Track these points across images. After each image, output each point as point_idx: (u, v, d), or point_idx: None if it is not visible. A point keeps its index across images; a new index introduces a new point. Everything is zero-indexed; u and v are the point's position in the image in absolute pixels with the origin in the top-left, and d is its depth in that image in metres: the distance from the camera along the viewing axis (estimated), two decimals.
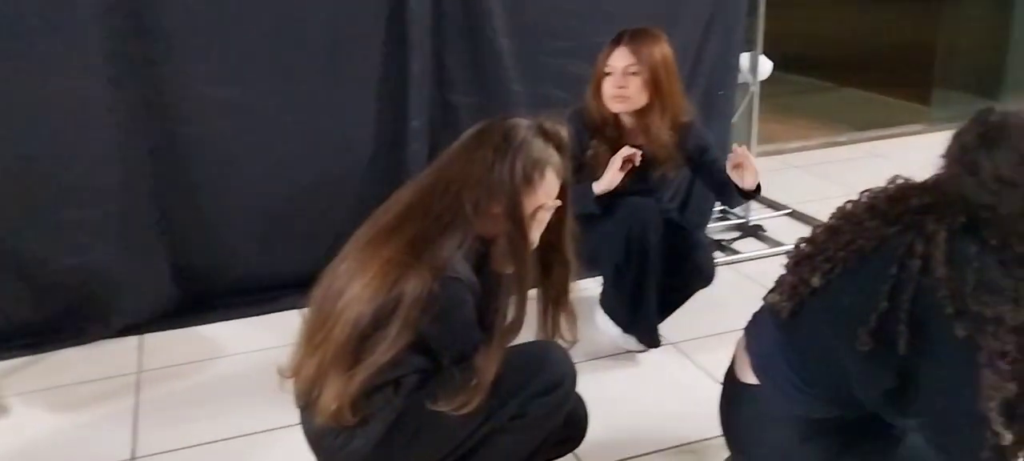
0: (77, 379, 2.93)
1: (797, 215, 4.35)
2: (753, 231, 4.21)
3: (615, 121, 2.92)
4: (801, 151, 5.23)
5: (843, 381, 1.70)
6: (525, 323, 1.91)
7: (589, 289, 3.32)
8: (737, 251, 3.99)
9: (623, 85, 2.82)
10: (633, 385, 2.86)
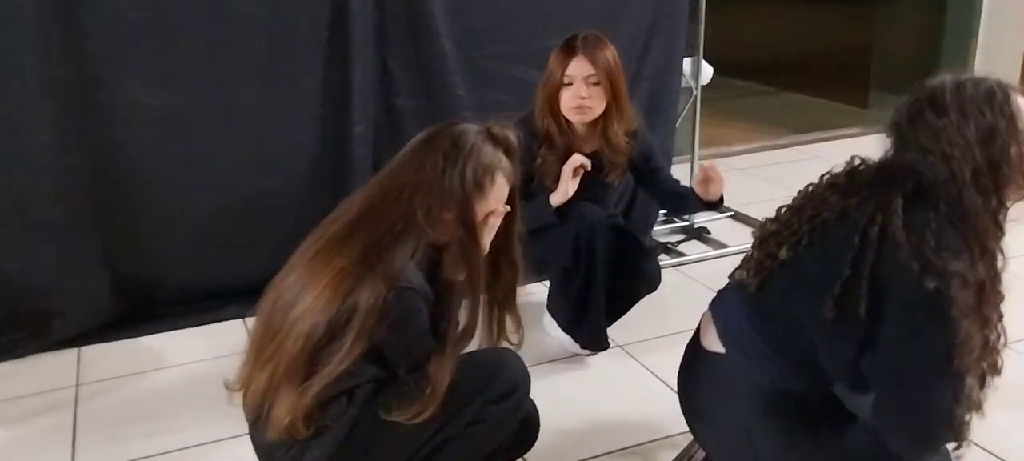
0: (13, 394, 2.85)
1: (740, 217, 4.38)
2: (697, 233, 4.23)
3: (568, 129, 2.87)
4: (743, 154, 5.29)
5: (809, 350, 1.74)
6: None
7: (536, 293, 3.32)
8: (682, 253, 4.01)
9: (585, 96, 2.76)
10: (582, 388, 2.86)
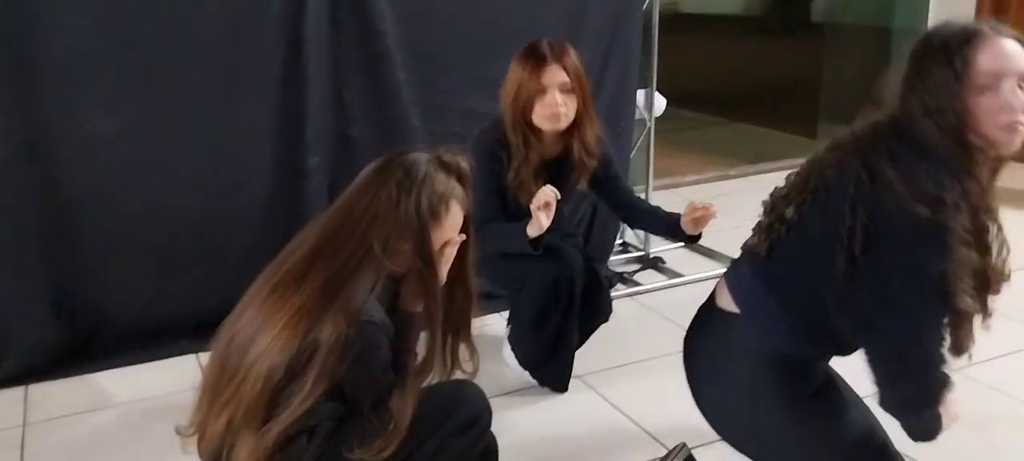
0: None
1: (695, 246, 4.44)
2: (653, 263, 4.26)
3: (538, 138, 2.80)
4: (696, 184, 5.35)
5: (821, 310, 1.78)
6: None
7: (492, 324, 3.31)
8: (638, 283, 4.02)
9: (561, 103, 2.70)
10: (542, 420, 2.84)
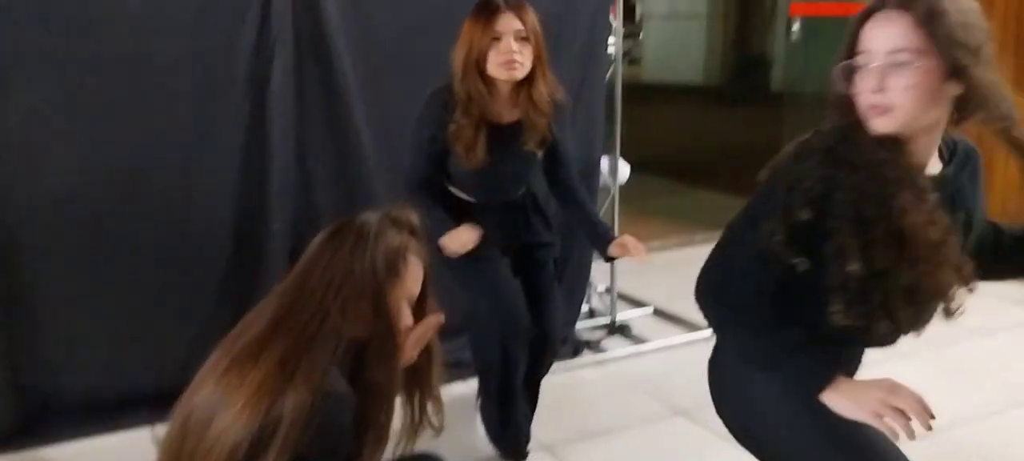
0: None
1: (660, 313, 4.45)
2: (620, 329, 4.25)
3: (490, 94, 2.71)
4: (661, 251, 5.35)
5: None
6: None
7: (467, 391, 3.27)
8: (604, 349, 4.01)
9: (516, 50, 2.61)
10: None
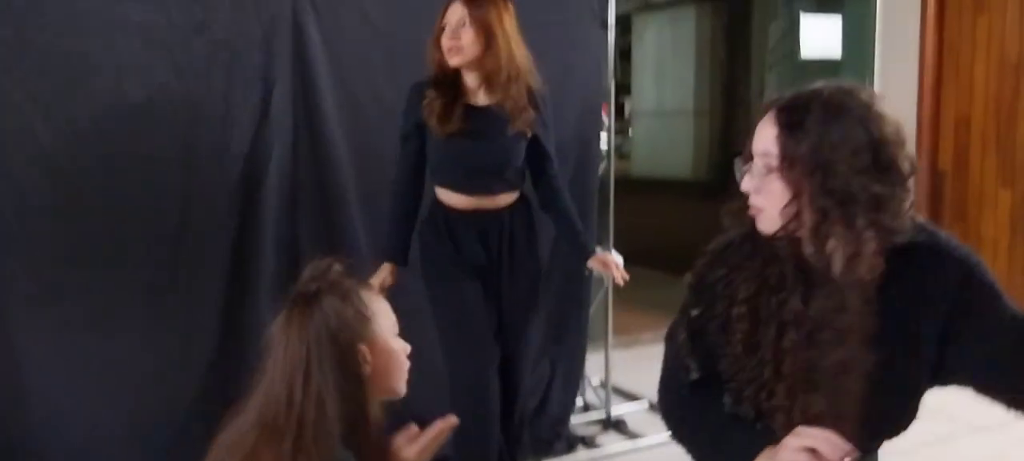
0: None
1: (656, 408, 3.75)
2: (615, 425, 4.20)
3: (455, 78, 2.92)
4: (655, 342, 3.75)
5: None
6: None
7: None
8: (598, 445, 4.02)
9: (456, 37, 2.82)
10: None
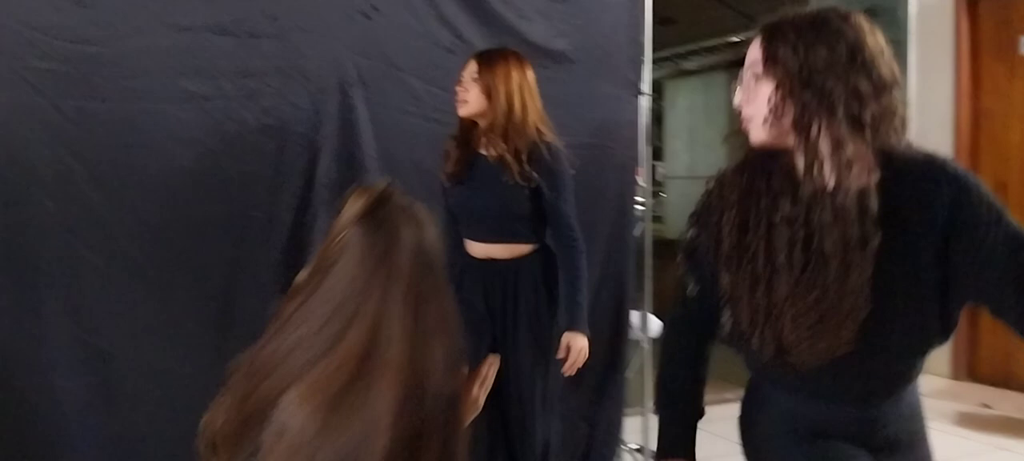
0: None
1: None
2: None
3: (472, 128, 3.02)
4: None
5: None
6: None
7: None
8: None
9: (465, 90, 2.94)
10: None
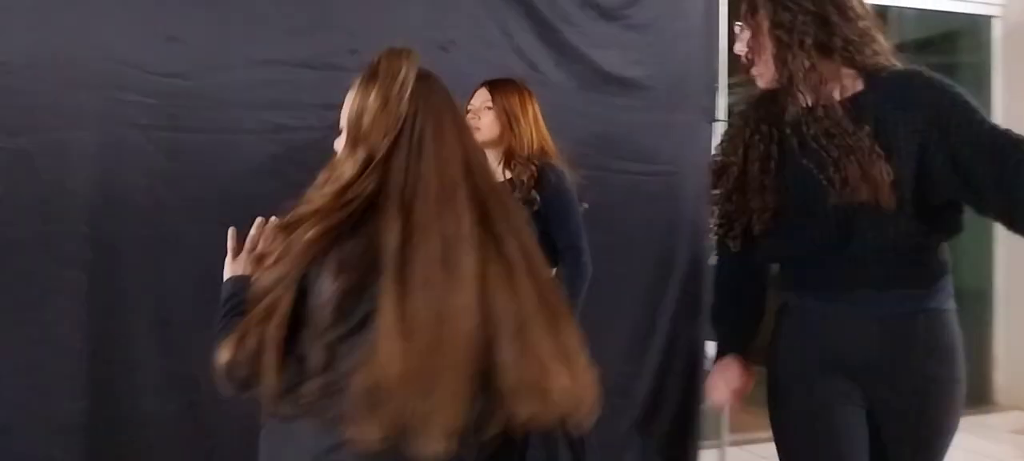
0: None
1: None
2: None
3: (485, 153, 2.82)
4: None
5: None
6: None
7: None
8: None
9: (476, 117, 2.97)
10: None
